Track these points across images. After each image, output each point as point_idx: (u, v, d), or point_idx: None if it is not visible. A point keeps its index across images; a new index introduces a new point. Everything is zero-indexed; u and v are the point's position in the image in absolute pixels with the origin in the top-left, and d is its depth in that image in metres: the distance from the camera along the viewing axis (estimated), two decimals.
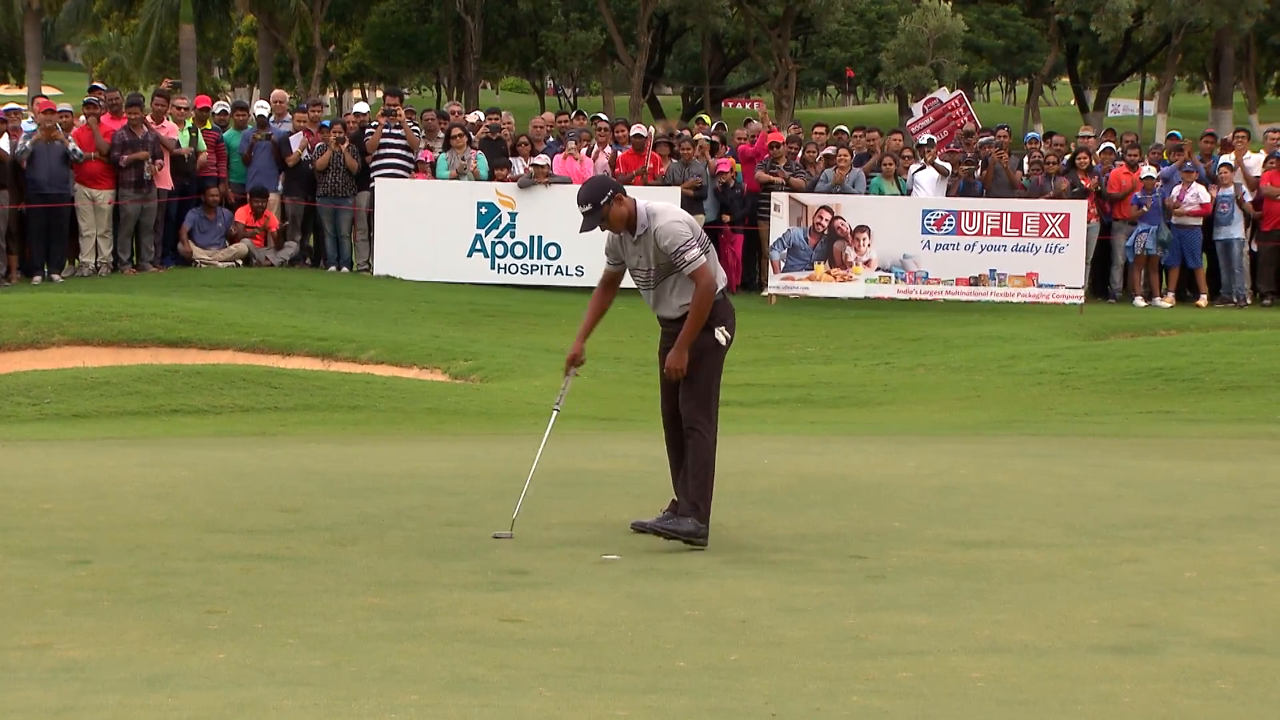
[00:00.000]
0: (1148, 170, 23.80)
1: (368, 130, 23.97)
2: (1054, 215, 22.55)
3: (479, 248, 23.44)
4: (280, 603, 7.40)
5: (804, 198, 23.03)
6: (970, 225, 22.63)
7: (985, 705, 6.01)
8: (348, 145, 23.38)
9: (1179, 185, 23.52)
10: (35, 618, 7.07)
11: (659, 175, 23.55)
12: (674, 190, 23.13)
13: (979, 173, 24.00)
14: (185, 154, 22.76)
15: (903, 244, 22.76)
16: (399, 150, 23.64)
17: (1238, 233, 23.38)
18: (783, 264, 22.90)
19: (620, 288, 9.17)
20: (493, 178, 23.35)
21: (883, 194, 23.66)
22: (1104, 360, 18.45)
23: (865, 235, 22.73)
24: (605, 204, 8.59)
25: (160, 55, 55.33)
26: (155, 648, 6.59)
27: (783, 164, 23.82)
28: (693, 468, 8.75)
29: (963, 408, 16.49)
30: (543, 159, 23.35)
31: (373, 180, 23.44)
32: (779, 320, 21.69)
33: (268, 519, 9.34)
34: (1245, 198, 23.29)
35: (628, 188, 23.61)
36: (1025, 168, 23.97)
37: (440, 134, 24.06)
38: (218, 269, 22.75)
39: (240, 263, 23.09)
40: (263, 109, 24.95)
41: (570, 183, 23.25)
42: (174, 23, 54.20)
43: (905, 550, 8.78)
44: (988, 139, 24.87)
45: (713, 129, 26.06)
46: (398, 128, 23.74)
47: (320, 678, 6.17)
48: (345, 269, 23.76)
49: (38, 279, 21.52)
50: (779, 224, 22.83)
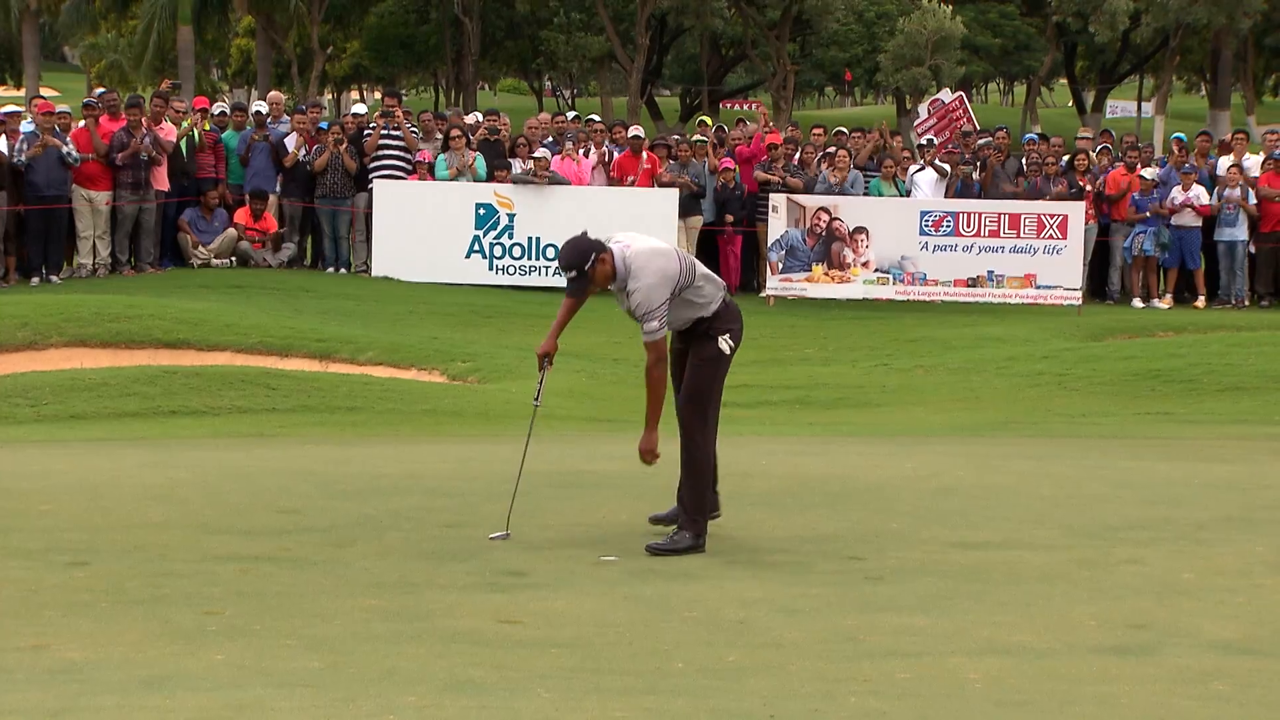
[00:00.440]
0: (1145, 171, 23.79)
1: (366, 131, 23.96)
2: (1052, 217, 22.55)
3: (477, 249, 23.42)
4: (278, 604, 7.39)
5: (802, 199, 23.02)
6: (968, 226, 22.62)
7: (983, 706, 6.01)
8: (346, 146, 23.37)
9: (1176, 186, 23.51)
10: (33, 619, 7.07)
11: (655, 176, 23.52)
12: (672, 192, 23.14)
13: (977, 174, 24.00)
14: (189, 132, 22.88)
15: (901, 245, 22.75)
16: (397, 151, 23.63)
17: (1242, 234, 23.36)
18: (781, 265, 22.89)
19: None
20: (491, 179, 23.33)
21: (881, 195, 23.67)
22: (1102, 361, 18.46)
23: (863, 236, 22.72)
24: (590, 268, 8.48)
25: (159, 57, 55.29)
26: (153, 649, 6.59)
27: (780, 165, 23.81)
28: (686, 472, 8.75)
29: (961, 409, 16.49)
30: (542, 153, 23.31)
31: (371, 182, 23.43)
32: (777, 321, 21.67)
33: (266, 520, 9.33)
34: (1250, 200, 23.27)
35: (626, 189, 23.75)
36: (1024, 169, 23.94)
37: (438, 135, 24.05)
38: (215, 269, 22.74)
39: (232, 260, 23.02)
40: (261, 108, 24.96)
41: (569, 184, 23.24)
42: (172, 24, 54.18)
43: (903, 551, 8.78)
44: (986, 140, 24.86)
45: (712, 130, 26.02)
46: (396, 129, 23.73)
47: (318, 679, 6.17)
48: (343, 270, 23.75)
49: (36, 280, 21.51)
50: (777, 225, 22.83)
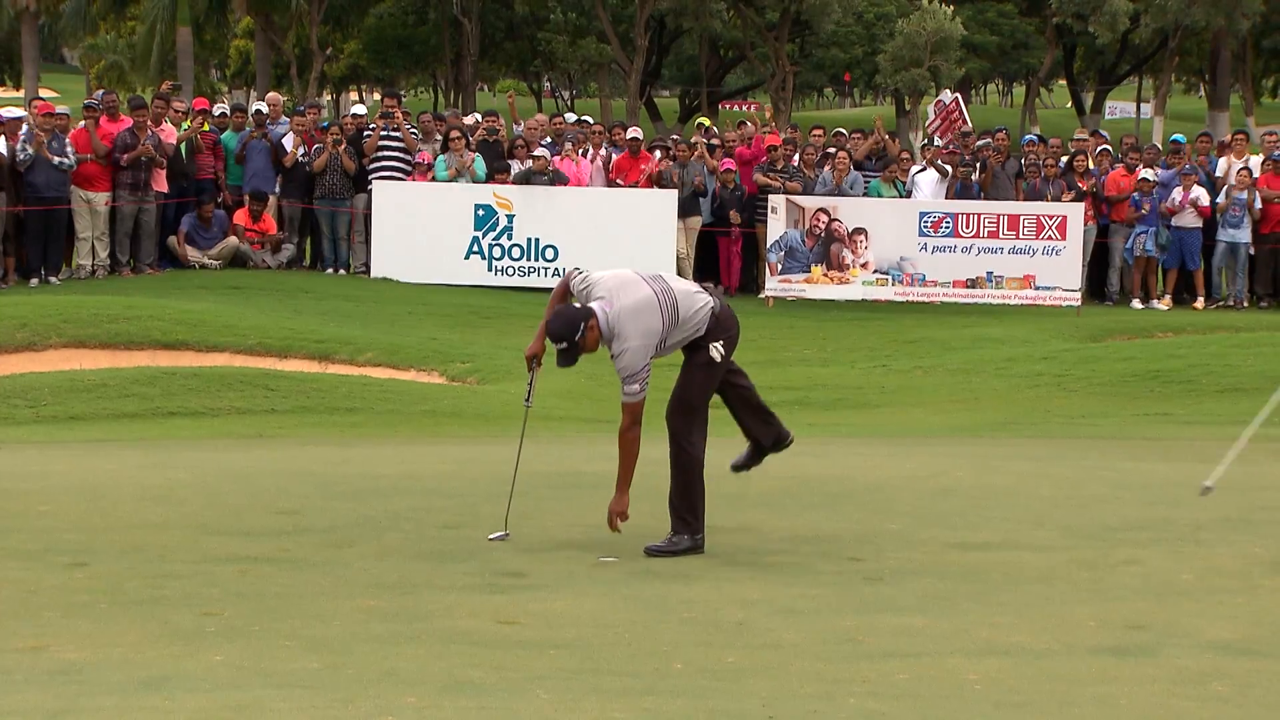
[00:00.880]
0: (1145, 173, 23.77)
1: (365, 133, 23.95)
2: (1051, 218, 22.55)
3: (476, 250, 23.40)
4: (277, 605, 7.39)
5: (801, 200, 23.02)
6: (967, 227, 22.62)
7: (982, 707, 6.01)
8: (345, 147, 23.36)
9: (1177, 188, 23.48)
10: (32, 620, 7.07)
11: (653, 176, 23.49)
12: (670, 193, 23.13)
13: (976, 175, 23.98)
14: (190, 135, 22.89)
15: (900, 246, 22.75)
16: (397, 152, 23.62)
17: (1245, 236, 23.31)
18: (780, 266, 22.89)
19: None
20: (491, 180, 23.32)
21: (880, 196, 23.66)
22: (1101, 362, 18.46)
23: (862, 237, 22.71)
24: (580, 338, 8.44)
25: (160, 58, 55.31)
26: (152, 650, 6.58)
27: (780, 166, 23.79)
28: (678, 480, 8.73)
29: (960, 410, 16.49)
30: (542, 151, 23.29)
31: (370, 182, 23.42)
32: (776, 322, 21.67)
33: (265, 521, 9.33)
34: (1257, 203, 23.22)
35: (625, 190, 23.66)
36: (1023, 170, 23.91)
37: (438, 136, 24.04)
38: (214, 270, 22.73)
39: (219, 264, 22.97)
40: (262, 108, 24.97)
41: (568, 183, 23.24)
42: (172, 25, 54.19)
43: (902, 552, 8.78)
44: (985, 141, 24.86)
45: (704, 132, 25.99)
46: (395, 130, 23.72)
47: (318, 680, 6.17)
48: (342, 271, 23.73)
49: (34, 281, 21.50)
50: (776, 226, 22.82)
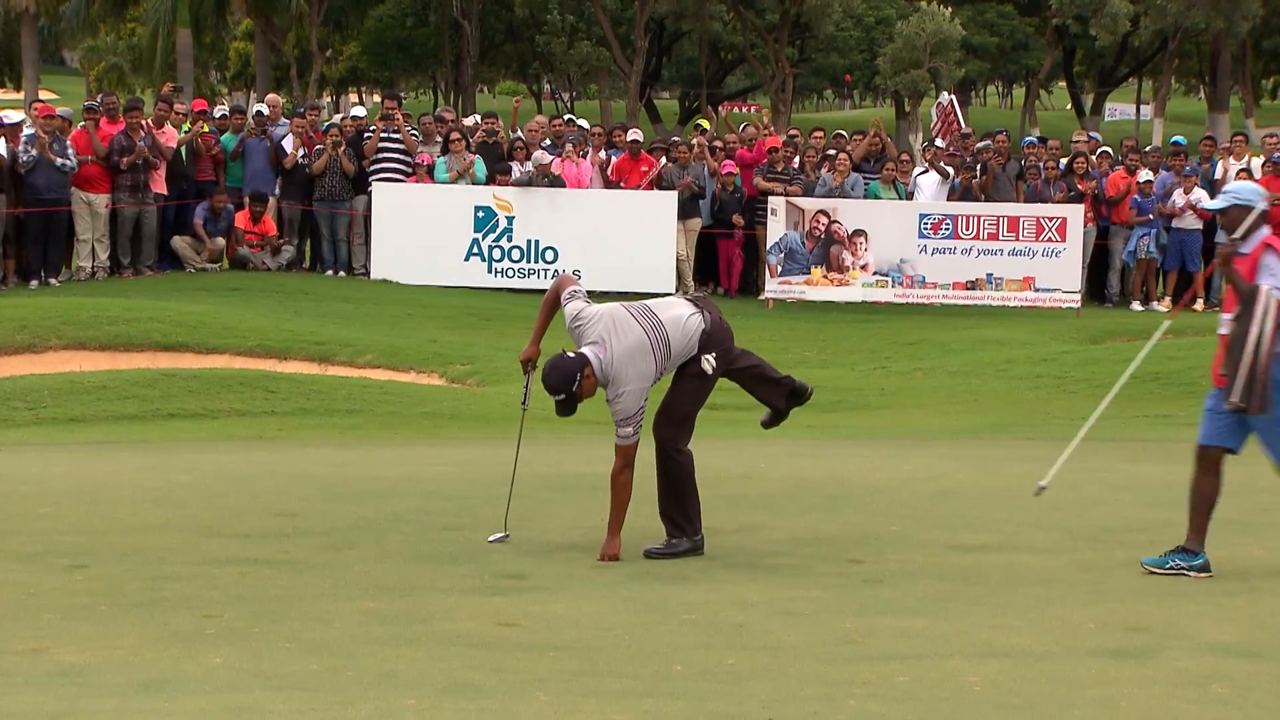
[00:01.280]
0: (1145, 174, 23.76)
1: (366, 134, 23.94)
2: (1051, 219, 22.55)
3: (476, 252, 23.40)
4: (277, 607, 7.39)
5: (801, 202, 23.02)
6: (967, 229, 22.62)
7: (982, 709, 6.01)
8: (344, 149, 23.35)
9: (1178, 190, 23.46)
10: (32, 622, 7.07)
11: (653, 176, 23.47)
12: (670, 195, 23.13)
13: (977, 177, 23.95)
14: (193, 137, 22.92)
15: (900, 248, 22.75)
16: (397, 154, 23.61)
17: None
18: (780, 268, 22.89)
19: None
20: (492, 181, 23.32)
21: (879, 198, 23.64)
22: (1101, 364, 18.43)
23: (862, 239, 22.71)
24: (577, 388, 8.47)
25: (161, 60, 55.26)
26: (152, 652, 6.59)
27: (781, 169, 23.77)
28: (668, 489, 8.73)
29: (960, 412, 16.49)
30: (545, 156, 23.28)
31: (370, 184, 23.42)
32: (776, 324, 21.67)
33: (265, 523, 9.34)
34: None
35: (624, 192, 23.66)
36: (1024, 172, 23.89)
37: (438, 138, 24.04)
38: (214, 273, 22.71)
39: (206, 267, 22.95)
40: (262, 109, 24.97)
41: (565, 185, 23.23)
42: (172, 27, 54.14)
43: (902, 554, 8.79)
44: (986, 143, 24.84)
45: (705, 134, 25.96)
46: (395, 132, 23.71)
47: (317, 682, 6.17)
48: (342, 273, 23.72)
49: (34, 283, 21.48)
50: (776, 228, 22.82)
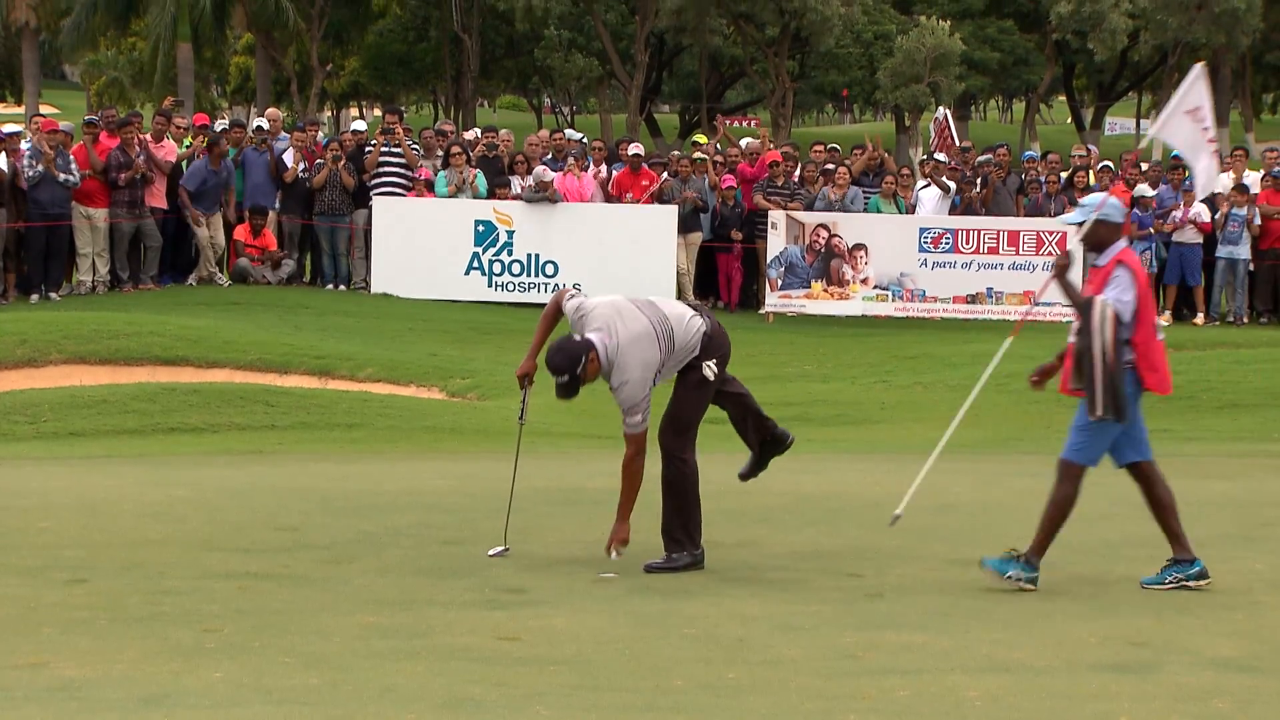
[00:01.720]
0: (1141, 189, 23.71)
1: (366, 149, 23.95)
2: (1051, 234, 22.51)
3: (476, 266, 23.39)
4: (277, 621, 7.39)
5: (801, 215, 23.02)
6: (967, 243, 22.62)
7: None
8: (344, 163, 23.36)
9: (1175, 203, 23.45)
10: (32, 636, 7.06)
11: (653, 191, 23.47)
12: (671, 209, 23.12)
13: (978, 191, 23.93)
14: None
15: (900, 262, 22.74)
16: (397, 168, 23.62)
17: (1244, 253, 23.22)
18: (780, 282, 22.89)
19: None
20: (492, 195, 23.33)
21: (880, 212, 23.62)
22: None
23: (862, 253, 22.71)
24: (581, 371, 8.47)
25: (162, 74, 55.33)
26: (152, 666, 6.58)
27: (781, 183, 23.76)
28: (672, 501, 8.73)
29: (960, 426, 16.44)
30: (548, 172, 23.26)
31: (370, 198, 23.42)
32: (776, 338, 21.66)
33: (265, 537, 9.33)
34: (1256, 220, 23.18)
35: (625, 205, 23.65)
36: (1024, 186, 23.88)
37: (439, 152, 24.05)
38: (217, 286, 22.71)
39: (227, 282, 22.98)
40: (263, 124, 24.99)
41: (568, 200, 23.23)
42: (173, 41, 54.19)
43: (903, 568, 8.78)
44: (987, 158, 24.84)
45: (710, 145, 25.95)
46: (396, 146, 23.72)
47: (317, 696, 6.16)
48: (342, 287, 23.72)
49: (35, 297, 21.47)
50: (776, 242, 22.82)
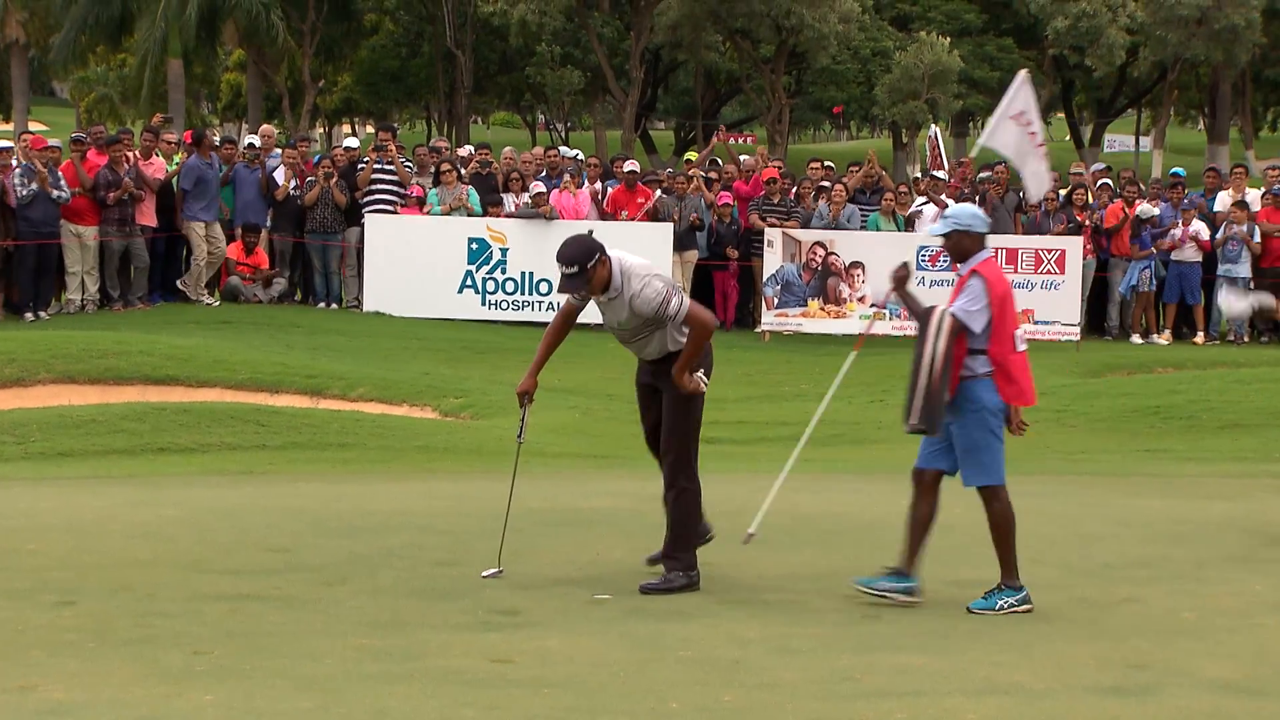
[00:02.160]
0: (1143, 206, 23.70)
1: (359, 166, 23.91)
2: (1050, 251, 22.51)
3: (470, 284, 23.36)
4: (268, 644, 7.33)
5: (797, 234, 22.99)
6: None
7: None
8: (336, 180, 23.32)
9: (1173, 221, 23.43)
10: (20, 659, 7.01)
11: (649, 209, 23.44)
12: (667, 226, 23.09)
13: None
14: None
15: None
16: (390, 186, 23.58)
17: (1244, 271, 23.16)
18: (776, 300, 22.85)
19: (597, 323, 9.02)
20: (485, 213, 23.29)
21: (879, 230, 23.57)
22: (1100, 398, 18.39)
23: (859, 271, 22.68)
24: (592, 267, 8.37)
25: (151, 91, 55.35)
26: (142, 689, 6.53)
27: (777, 200, 23.74)
28: (675, 524, 8.67)
29: None
30: (541, 187, 23.26)
31: (363, 216, 23.38)
32: (772, 357, 21.63)
33: (256, 559, 9.27)
34: (1255, 237, 23.14)
35: (621, 223, 23.62)
36: (1023, 204, 23.85)
37: (432, 169, 24.02)
38: (207, 306, 22.67)
39: (215, 302, 22.90)
40: (253, 139, 24.96)
41: (563, 217, 23.20)
42: (163, 58, 54.22)
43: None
44: (985, 175, 24.81)
45: (706, 165, 25.94)
46: (389, 163, 23.68)
47: (309, 719, 6.10)
48: (334, 305, 23.68)
49: (28, 316, 21.38)
50: (772, 260, 22.80)
